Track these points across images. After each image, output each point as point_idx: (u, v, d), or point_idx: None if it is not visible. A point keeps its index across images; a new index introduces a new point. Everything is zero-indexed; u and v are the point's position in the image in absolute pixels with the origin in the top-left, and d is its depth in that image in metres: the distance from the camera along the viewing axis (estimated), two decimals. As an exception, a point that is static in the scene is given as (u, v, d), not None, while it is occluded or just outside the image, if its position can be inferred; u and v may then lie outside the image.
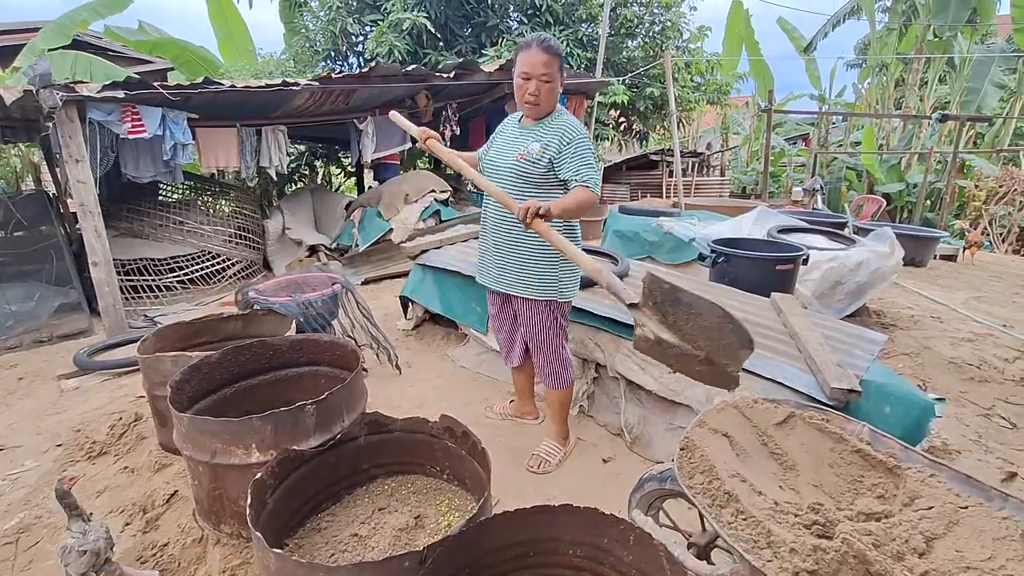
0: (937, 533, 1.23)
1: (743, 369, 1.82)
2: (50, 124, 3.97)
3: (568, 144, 2.25)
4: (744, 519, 1.27)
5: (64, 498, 1.81)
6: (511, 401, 3.05)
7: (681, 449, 1.47)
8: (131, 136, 4.45)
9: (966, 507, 1.28)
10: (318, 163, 10.71)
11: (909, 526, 1.25)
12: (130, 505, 2.43)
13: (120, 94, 4.19)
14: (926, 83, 12.15)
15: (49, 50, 6.69)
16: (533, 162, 2.29)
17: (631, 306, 1.88)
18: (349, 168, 11.01)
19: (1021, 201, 9.39)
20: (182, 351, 2.69)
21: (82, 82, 4.23)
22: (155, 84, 4.31)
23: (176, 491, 2.47)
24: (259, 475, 1.73)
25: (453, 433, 2.05)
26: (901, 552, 1.20)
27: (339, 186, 11.58)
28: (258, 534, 1.47)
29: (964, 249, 7.30)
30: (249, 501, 1.62)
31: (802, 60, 14.11)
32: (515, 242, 2.39)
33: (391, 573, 1.39)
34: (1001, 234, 9.50)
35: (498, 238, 2.43)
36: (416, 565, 1.40)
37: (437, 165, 10.89)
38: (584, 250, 2.79)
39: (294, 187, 9.51)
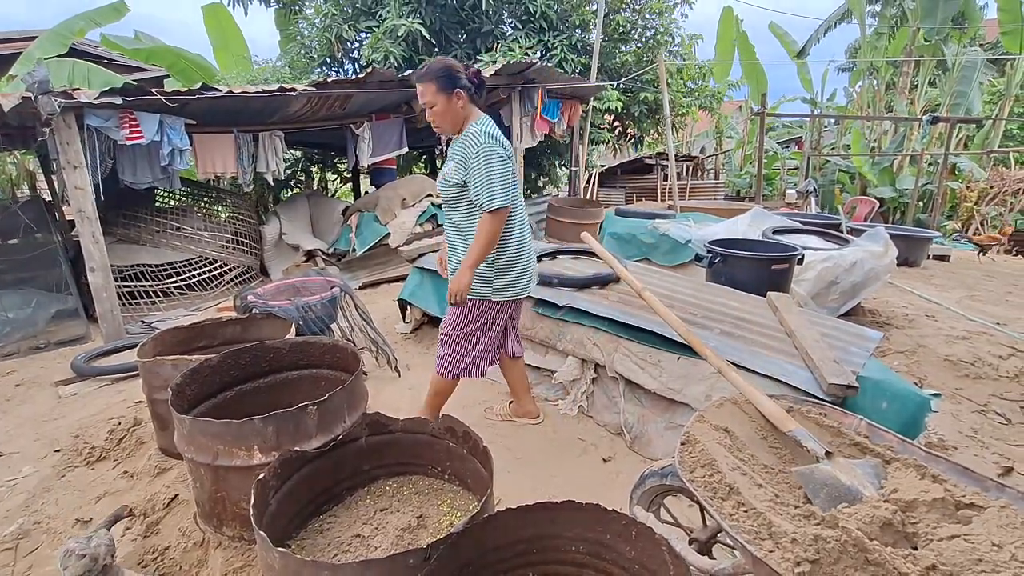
0: (940, 524, 1.24)
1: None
2: (47, 130, 3.97)
3: (471, 159, 2.25)
4: (745, 511, 1.29)
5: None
6: (510, 403, 3.06)
7: (682, 443, 1.49)
8: (129, 142, 4.46)
9: (968, 500, 1.29)
10: (314, 169, 10.73)
11: (911, 517, 1.27)
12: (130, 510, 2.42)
13: (118, 100, 4.20)
14: (916, 86, 12.28)
15: (45, 58, 6.69)
16: (449, 181, 2.35)
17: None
18: (345, 174, 11.03)
19: (1011, 202, 9.49)
20: (181, 355, 2.69)
21: (79, 89, 4.24)
22: (153, 90, 4.32)
23: (176, 495, 2.47)
24: (262, 475, 1.74)
25: (454, 433, 2.06)
26: (900, 542, 1.21)
27: (335, 191, 11.60)
28: (262, 533, 1.48)
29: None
30: (252, 501, 1.62)
31: (793, 65, 14.24)
32: (453, 254, 2.53)
33: (396, 571, 1.40)
34: (991, 233, 9.58)
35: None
36: (420, 562, 1.40)
37: (433, 169, 10.93)
38: (574, 250, 2.82)
39: (290, 193, 9.52)
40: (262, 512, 1.71)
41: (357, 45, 9.31)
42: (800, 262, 3.73)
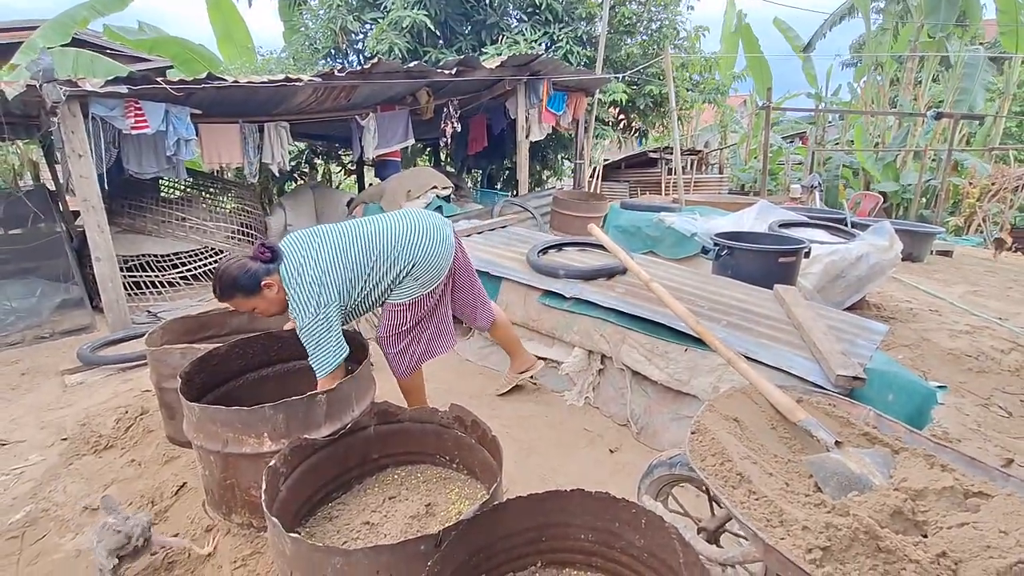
0: (949, 512, 1.25)
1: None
2: (54, 119, 3.96)
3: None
4: (756, 499, 1.29)
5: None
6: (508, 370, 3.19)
7: (692, 432, 1.50)
8: (134, 131, 4.45)
9: (976, 488, 1.30)
10: (318, 161, 10.71)
11: (920, 505, 1.27)
12: (138, 497, 2.44)
13: (123, 89, 4.19)
14: (920, 82, 12.24)
15: (48, 48, 6.67)
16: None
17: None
18: (349, 166, 11.01)
19: (1012, 199, 9.48)
20: (190, 344, 2.70)
21: (84, 78, 4.23)
22: (158, 79, 4.31)
23: (185, 483, 2.49)
24: (272, 462, 1.75)
25: (463, 422, 2.07)
26: (910, 529, 1.22)
27: (339, 183, 11.59)
28: (274, 519, 1.49)
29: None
30: (264, 487, 1.63)
31: (798, 60, 14.18)
32: None
33: (406, 556, 1.41)
34: (994, 230, 9.58)
35: None
36: (431, 549, 1.42)
37: (438, 162, 10.92)
38: (580, 242, 2.80)
39: (294, 185, 9.52)
40: (273, 499, 1.72)
41: (361, 37, 9.27)
42: (807, 255, 3.73)
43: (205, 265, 5.79)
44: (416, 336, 2.52)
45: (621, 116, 10.92)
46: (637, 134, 11.77)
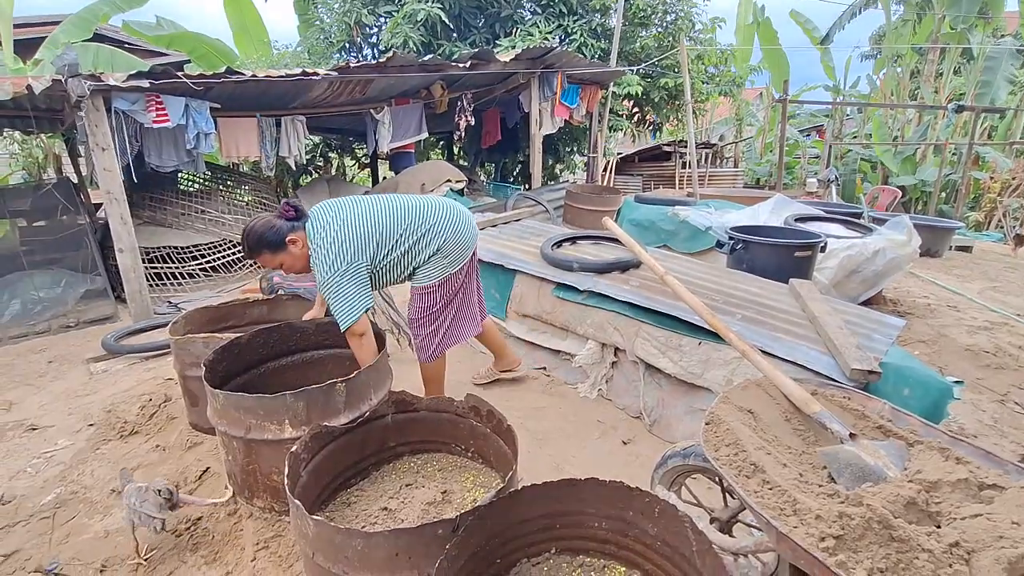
0: (963, 504, 1.26)
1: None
2: (83, 113, 4.05)
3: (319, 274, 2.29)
4: (770, 489, 1.31)
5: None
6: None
7: (707, 423, 1.52)
8: (155, 125, 4.53)
9: (990, 481, 1.31)
10: (332, 155, 10.79)
11: (934, 497, 1.29)
12: (164, 481, 2.50)
13: (145, 83, 4.26)
14: (941, 75, 12.03)
15: (71, 43, 6.79)
16: None
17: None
18: (363, 160, 11.08)
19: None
20: (211, 334, 2.76)
21: (105, 73, 4.30)
22: (179, 73, 4.38)
23: (208, 467, 2.55)
24: (294, 448, 1.80)
25: (479, 412, 2.10)
26: (923, 520, 1.24)
27: (353, 177, 11.67)
28: (296, 502, 1.53)
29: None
30: (286, 471, 1.68)
31: (816, 52, 13.99)
32: None
33: (424, 540, 1.45)
34: (1014, 226, 9.41)
35: None
36: (449, 533, 1.45)
37: (451, 155, 10.95)
38: (594, 236, 2.79)
39: (310, 179, 9.60)
40: (295, 483, 1.77)
41: (376, 30, 9.31)
42: (823, 249, 3.70)
43: (224, 257, 5.88)
44: (445, 317, 2.60)
45: (635, 109, 10.86)
46: (651, 127, 11.70)
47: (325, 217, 2.26)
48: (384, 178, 9.17)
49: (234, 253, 5.95)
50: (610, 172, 11.60)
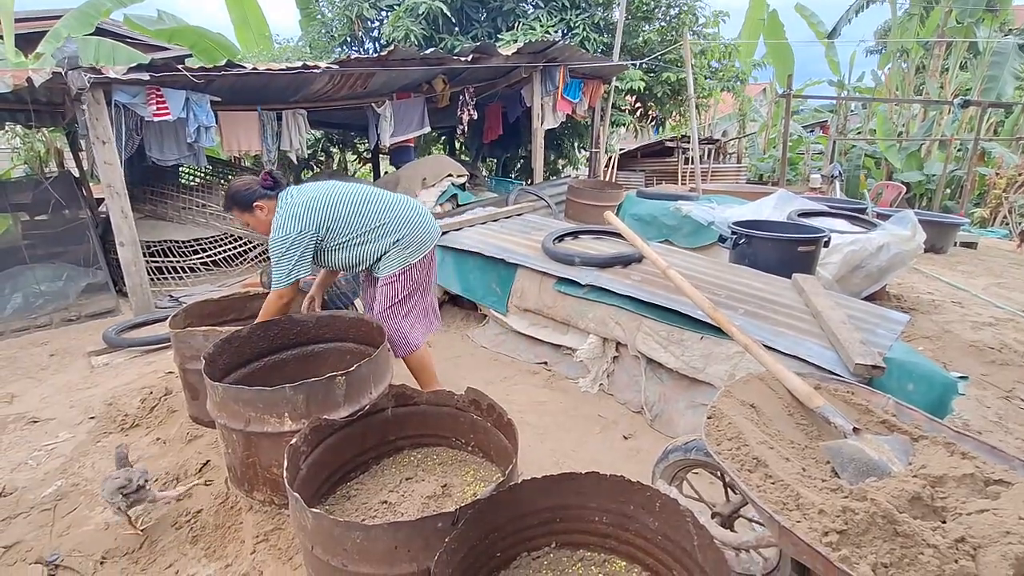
0: (969, 499, 1.25)
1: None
2: (83, 106, 4.03)
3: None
4: (773, 483, 1.30)
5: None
6: None
7: (709, 417, 1.50)
8: (156, 118, 4.51)
9: (997, 476, 1.29)
10: (334, 149, 10.77)
11: (940, 492, 1.27)
12: (163, 474, 2.50)
13: (145, 76, 4.24)
14: (947, 70, 11.93)
15: (72, 36, 6.77)
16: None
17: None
18: (364, 154, 11.05)
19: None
20: (212, 327, 2.75)
21: (106, 66, 4.28)
22: (179, 66, 4.36)
23: (208, 460, 2.55)
24: (294, 441, 1.79)
25: (479, 406, 2.09)
26: (929, 515, 1.22)
27: (355, 172, 11.64)
28: (296, 494, 1.53)
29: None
30: (285, 464, 1.67)
31: (820, 47, 13.89)
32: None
33: (424, 533, 1.44)
34: (1020, 222, 9.34)
35: None
36: (448, 526, 1.44)
37: (453, 150, 10.91)
38: (596, 231, 2.75)
39: (311, 173, 9.58)
40: (294, 476, 1.76)
41: (377, 24, 9.26)
42: (826, 244, 3.68)
43: (225, 251, 5.87)
44: (410, 308, 2.69)
45: (638, 104, 10.79)
46: (654, 122, 11.63)
47: (296, 193, 2.48)
48: (385, 172, 9.14)
49: (235, 247, 5.94)
50: (613, 167, 11.56)
